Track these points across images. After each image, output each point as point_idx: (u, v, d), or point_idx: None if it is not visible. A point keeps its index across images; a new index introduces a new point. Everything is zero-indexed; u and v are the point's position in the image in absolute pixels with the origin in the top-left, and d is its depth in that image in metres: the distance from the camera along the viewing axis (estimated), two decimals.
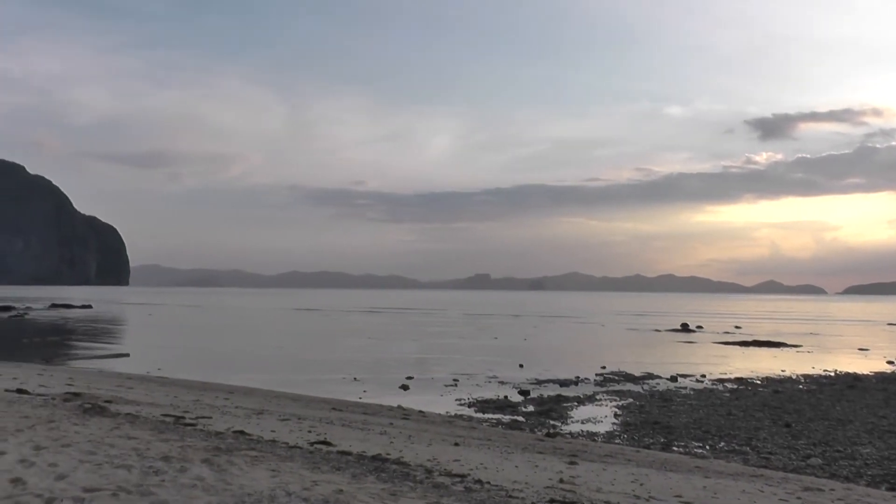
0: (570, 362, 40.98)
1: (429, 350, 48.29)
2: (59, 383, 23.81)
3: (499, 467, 12.79)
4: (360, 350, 48.35)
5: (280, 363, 40.28)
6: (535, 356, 44.38)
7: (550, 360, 42.08)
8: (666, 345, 56.76)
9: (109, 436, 11.89)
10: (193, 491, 8.61)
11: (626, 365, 39.11)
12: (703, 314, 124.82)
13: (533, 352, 47.98)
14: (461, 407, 25.68)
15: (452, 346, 51.51)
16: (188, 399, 21.56)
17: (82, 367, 35.37)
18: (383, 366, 38.38)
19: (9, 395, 18.24)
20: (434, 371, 35.96)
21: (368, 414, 21.50)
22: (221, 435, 13.28)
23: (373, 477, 10.24)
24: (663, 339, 62.92)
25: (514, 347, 51.41)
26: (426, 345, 52.83)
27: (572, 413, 24.65)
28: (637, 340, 61.81)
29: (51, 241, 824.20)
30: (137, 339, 59.22)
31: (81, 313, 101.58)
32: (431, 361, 40.75)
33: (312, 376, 33.77)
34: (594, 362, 40.35)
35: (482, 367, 37.90)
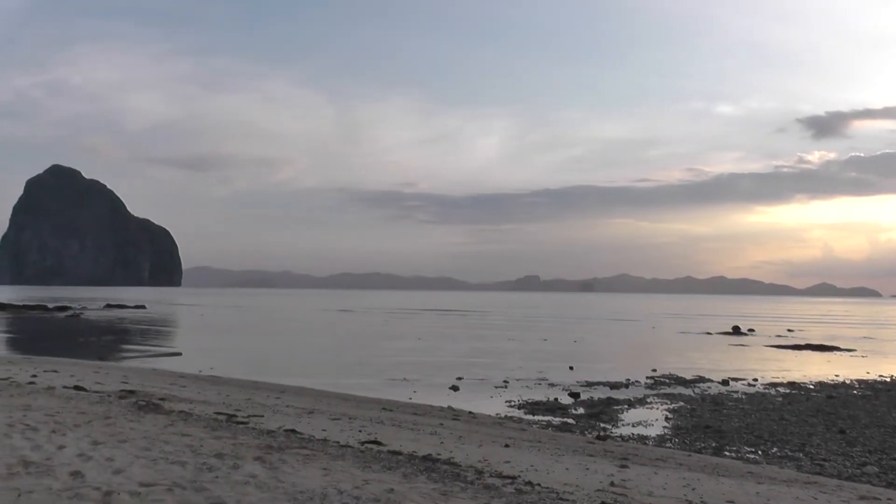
0: (621, 365, 40.66)
1: (478, 351, 48.18)
2: (114, 381, 24.19)
3: (549, 469, 12.71)
4: (409, 351, 48.42)
5: (330, 363, 40.48)
6: (585, 358, 44.10)
7: (600, 363, 41.79)
8: (717, 348, 56.07)
9: (164, 433, 12.04)
10: (246, 488, 8.67)
11: (676, 368, 38.71)
12: (755, 317, 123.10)
13: (583, 354, 47.68)
14: (511, 408, 25.59)
15: (502, 348, 51.36)
16: (240, 398, 21.76)
17: (136, 366, 35.87)
18: (433, 367, 38.37)
19: (67, 391, 18.58)
20: (484, 372, 35.87)
21: (419, 414, 21.50)
22: (273, 433, 13.36)
23: (424, 477, 10.23)
24: (714, 342, 62.17)
25: (564, 349, 51.13)
26: (476, 346, 52.72)
27: (623, 416, 24.44)
28: (688, 343, 61.10)
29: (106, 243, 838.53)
30: (189, 339, 59.96)
31: (135, 313, 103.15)
32: (481, 363, 40.65)
33: (362, 376, 33.89)
34: (645, 365, 39.99)
35: (532, 368, 37.74)
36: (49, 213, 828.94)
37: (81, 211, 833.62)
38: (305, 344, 55.15)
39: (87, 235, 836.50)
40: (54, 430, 11.57)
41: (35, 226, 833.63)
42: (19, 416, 12.96)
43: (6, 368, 26.50)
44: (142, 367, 35.44)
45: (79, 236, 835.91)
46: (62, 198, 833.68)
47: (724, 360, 45.29)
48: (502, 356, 44.71)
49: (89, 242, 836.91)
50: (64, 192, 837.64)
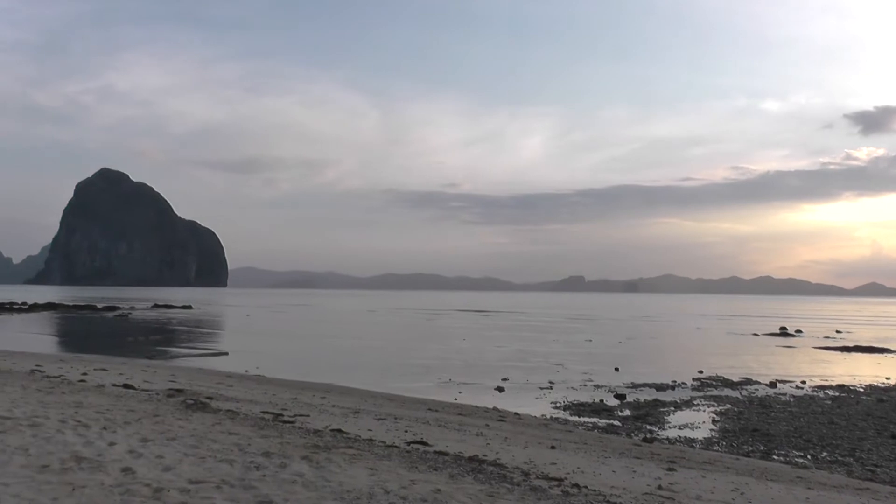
0: (667, 366, 40.27)
1: (523, 352, 48.00)
2: (162, 379, 24.48)
3: (596, 472, 12.62)
4: (454, 351, 48.38)
5: (375, 363, 40.56)
6: (630, 359, 43.76)
7: (646, 364, 41.42)
8: (764, 349, 55.32)
9: (211, 431, 12.13)
10: (294, 486, 8.71)
11: (723, 370, 38.25)
12: (803, 318, 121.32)
13: (628, 355, 47.33)
14: (556, 410, 25.44)
15: (547, 349, 51.11)
16: (286, 397, 21.89)
17: (183, 365, 36.27)
18: (478, 367, 38.30)
19: (116, 389, 18.84)
20: (529, 373, 35.73)
21: (464, 415, 21.48)
22: (319, 433, 13.41)
23: (470, 478, 10.20)
24: (761, 344, 61.35)
25: (610, 350, 50.80)
26: (521, 347, 52.53)
27: (669, 418, 24.17)
28: (734, 344, 60.38)
29: (153, 244, 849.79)
30: (235, 339, 60.46)
31: (182, 313, 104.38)
32: (526, 364, 40.48)
33: (407, 377, 33.92)
34: (691, 366, 39.57)
35: (577, 370, 37.52)
36: (98, 215, 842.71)
37: (129, 213, 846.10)
38: (350, 344, 55.32)
39: (135, 237, 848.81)
40: (105, 427, 11.73)
41: (85, 228, 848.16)
42: (71, 412, 13.15)
43: (58, 366, 26.95)
44: (189, 366, 35.82)
45: (127, 238, 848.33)
46: (111, 200, 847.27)
47: (771, 362, 44.69)
48: (547, 357, 44.47)
49: (137, 244, 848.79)
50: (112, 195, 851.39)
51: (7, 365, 24.96)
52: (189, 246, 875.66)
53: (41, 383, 18.66)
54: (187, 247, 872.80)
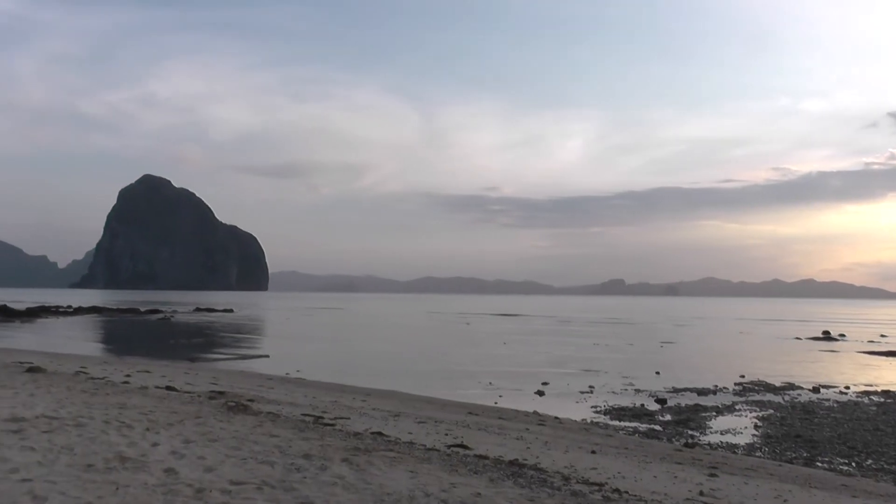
0: (708, 370, 39.85)
1: (563, 356, 47.78)
2: (203, 382, 24.71)
3: (637, 477, 12.52)
4: (494, 355, 48.29)
5: (414, 367, 40.58)
6: (671, 364, 43.34)
7: (687, 368, 41.01)
8: (807, 354, 54.54)
9: (253, 433, 12.21)
10: (334, 489, 8.73)
11: (765, 374, 37.76)
12: (846, 321, 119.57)
13: (669, 359, 46.88)
14: (597, 414, 25.27)
15: (587, 353, 50.84)
16: (326, 400, 21.98)
17: (225, 368, 36.57)
18: (518, 371, 38.19)
19: (159, 391, 19.04)
20: (569, 378, 35.55)
21: (504, 419, 21.42)
22: (360, 435, 13.45)
23: (510, 482, 10.17)
24: (804, 348, 60.51)
25: (650, 354, 50.40)
26: (561, 351, 52.30)
27: (711, 423, 23.85)
28: (776, 349, 59.59)
29: (195, 249, 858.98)
30: (277, 342, 60.83)
31: (223, 317, 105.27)
32: (566, 367, 40.29)
33: (447, 380, 33.90)
34: (732, 371, 39.15)
35: (618, 373, 37.26)
36: (141, 220, 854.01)
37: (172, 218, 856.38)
38: (390, 347, 55.42)
39: (177, 242, 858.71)
40: (148, 428, 11.86)
41: (128, 233, 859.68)
42: (115, 413, 13.32)
43: (102, 368, 27.29)
44: (230, 368, 36.11)
45: (169, 243, 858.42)
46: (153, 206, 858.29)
47: (815, 367, 44.05)
48: (588, 361, 44.22)
49: (179, 248, 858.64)
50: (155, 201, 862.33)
51: (53, 367, 25.31)
52: (230, 250, 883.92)
53: (86, 385, 18.90)
54: (228, 251, 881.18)
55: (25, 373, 21.39)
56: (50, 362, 28.07)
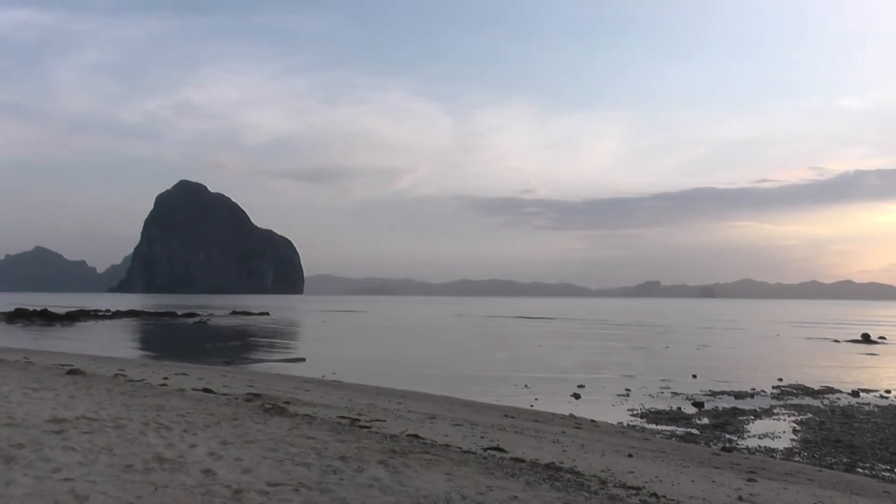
0: (745, 373, 39.45)
1: (599, 359, 47.52)
2: (240, 384, 24.88)
3: (674, 481, 12.41)
4: (530, 357, 48.14)
5: (450, 369, 40.55)
6: (708, 366, 42.94)
7: (724, 371, 40.62)
8: (846, 357, 53.77)
9: (289, 435, 12.26)
10: (371, 491, 8.74)
11: (803, 377, 37.27)
12: (887, 323, 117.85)
13: (706, 362, 46.44)
14: (633, 417, 25.09)
15: (623, 355, 50.54)
16: (362, 402, 22.03)
17: (261, 370, 36.80)
18: (554, 374, 38.03)
19: (196, 393, 19.19)
20: (605, 380, 35.35)
21: (540, 422, 21.34)
22: (396, 438, 13.46)
23: (547, 485, 10.12)
24: (843, 351, 59.67)
25: (687, 357, 49.95)
26: (597, 353, 52.02)
27: (748, 427, 23.55)
28: (815, 351, 58.83)
29: (231, 253, 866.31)
30: (312, 345, 61.10)
31: (259, 320, 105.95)
32: (602, 370, 40.07)
33: (483, 383, 33.82)
34: (770, 374, 38.73)
35: (654, 376, 36.99)
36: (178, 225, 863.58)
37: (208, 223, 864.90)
38: (425, 350, 55.46)
39: (213, 246, 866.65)
40: (186, 430, 11.95)
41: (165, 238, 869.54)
42: (153, 415, 13.44)
43: (140, 371, 27.58)
44: (267, 371, 36.33)
45: (205, 247, 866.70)
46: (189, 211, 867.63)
47: (854, 370, 43.43)
48: (624, 364, 43.96)
49: (215, 253, 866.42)
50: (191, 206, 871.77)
51: (92, 369, 25.61)
52: (266, 254, 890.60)
53: (125, 387, 19.10)
54: (264, 255, 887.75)
55: (66, 375, 21.67)
56: (89, 365, 28.42)
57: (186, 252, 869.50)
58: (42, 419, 12.22)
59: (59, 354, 38.10)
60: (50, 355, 36.32)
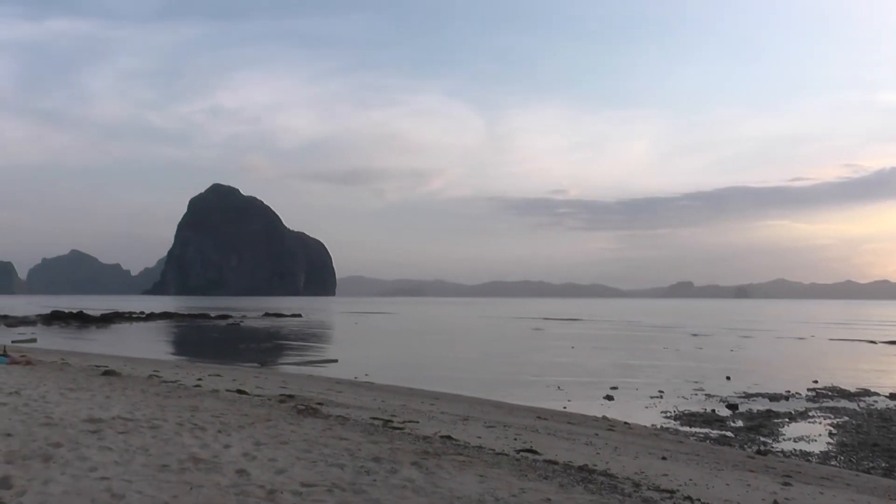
0: (780, 375, 39.04)
1: (632, 360, 47.24)
2: (273, 385, 25.01)
3: (709, 484, 12.30)
4: (562, 359, 47.96)
5: (483, 370, 40.51)
6: (742, 368, 42.52)
7: (758, 373, 40.21)
8: (883, 358, 53.02)
9: (322, 436, 12.30)
10: (404, 492, 8.74)
11: (839, 380, 36.77)
12: None
13: (740, 363, 45.99)
14: (667, 419, 24.90)
15: (656, 357, 50.18)
16: (395, 403, 22.06)
17: (294, 372, 36.96)
18: (586, 375, 37.87)
19: (230, 394, 19.32)
20: (638, 382, 35.15)
21: (573, 424, 21.25)
22: (429, 439, 13.46)
23: (580, 488, 10.06)
24: (880, 353, 58.83)
25: (721, 359, 49.48)
26: (629, 355, 51.73)
27: (783, 430, 23.23)
28: (851, 353, 58.06)
29: (263, 255, 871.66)
30: (345, 346, 61.27)
31: (292, 322, 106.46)
32: (635, 372, 39.83)
33: (516, 384, 33.75)
34: (805, 376, 38.25)
35: (687, 378, 36.69)
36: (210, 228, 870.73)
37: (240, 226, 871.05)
38: (458, 351, 55.42)
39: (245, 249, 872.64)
40: (220, 430, 12.03)
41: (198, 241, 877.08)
42: (188, 416, 13.54)
43: (174, 372, 27.81)
44: (299, 372, 36.48)
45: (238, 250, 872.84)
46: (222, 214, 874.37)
47: (892, 373, 42.85)
48: (657, 365, 43.68)
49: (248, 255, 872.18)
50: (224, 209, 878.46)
51: (127, 370, 25.86)
52: (298, 256, 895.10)
53: (159, 388, 19.27)
54: (296, 257, 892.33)
55: (101, 376, 21.89)
56: (124, 366, 28.71)
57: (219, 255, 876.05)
58: (79, 419, 12.35)
59: (94, 356, 38.51)
60: (86, 356, 36.72)
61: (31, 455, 9.38)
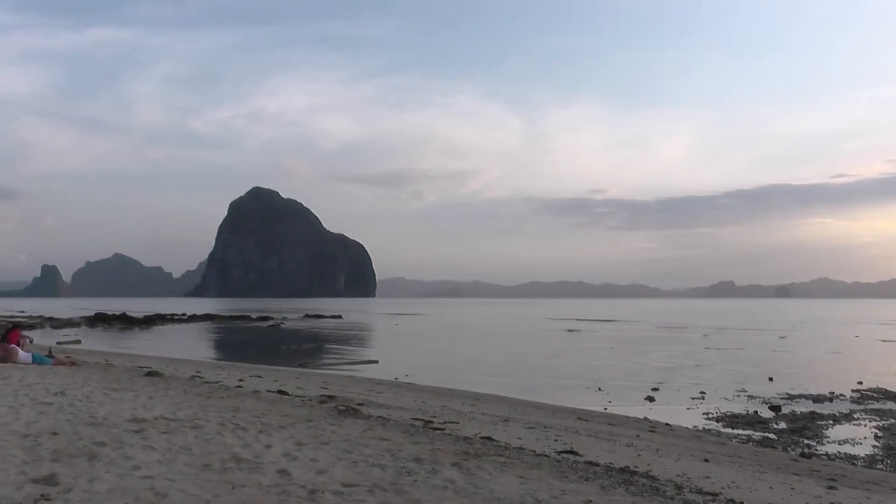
0: (823, 376, 38.51)
1: (673, 361, 46.82)
2: (314, 386, 25.13)
3: (752, 487, 12.13)
4: (602, 359, 47.74)
5: (523, 371, 40.42)
6: (784, 369, 41.99)
7: (802, 374, 39.71)
8: None
9: (363, 436, 12.32)
10: (445, 493, 8.72)
11: (885, 381, 36.09)
12: None
13: (782, 364, 45.42)
14: (709, 421, 24.65)
15: (698, 357, 49.68)
16: (435, 404, 22.06)
17: (335, 373, 37.10)
18: (627, 376, 37.65)
19: (271, 395, 19.44)
20: (679, 383, 34.85)
21: (614, 425, 21.10)
22: (469, 440, 13.42)
23: (622, 489, 9.95)
24: None
25: (763, 359, 48.90)
26: (670, 355, 51.28)
27: (828, 432, 22.81)
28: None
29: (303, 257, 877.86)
30: (385, 347, 61.43)
31: (332, 323, 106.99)
32: (676, 373, 39.49)
33: (556, 385, 33.64)
34: (849, 377, 37.66)
35: (729, 379, 36.32)
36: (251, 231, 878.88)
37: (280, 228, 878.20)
38: (498, 352, 55.33)
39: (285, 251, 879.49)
40: (261, 431, 12.10)
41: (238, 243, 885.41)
42: (229, 416, 13.64)
43: (216, 373, 28.06)
44: (340, 373, 36.62)
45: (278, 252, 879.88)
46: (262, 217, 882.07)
47: None
48: (698, 366, 43.29)
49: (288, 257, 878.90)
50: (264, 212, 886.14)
51: (170, 371, 26.13)
52: (338, 258, 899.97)
53: (201, 388, 19.44)
54: (336, 259, 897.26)
55: (144, 377, 22.13)
56: (167, 367, 29.01)
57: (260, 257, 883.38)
58: (122, 419, 12.50)
59: (137, 357, 39.02)
60: (129, 357, 37.19)
61: (76, 453, 9.51)
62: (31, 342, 27.70)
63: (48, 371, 21.69)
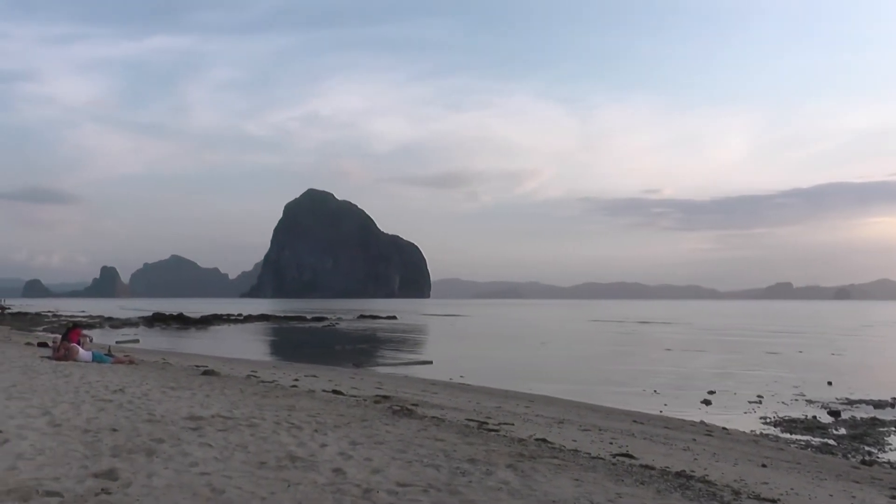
0: (885, 381, 37.58)
1: (730, 364, 46.16)
2: (368, 386, 25.26)
3: (811, 494, 11.90)
4: (658, 362, 47.29)
5: (578, 373, 40.23)
6: (844, 373, 41.10)
7: (862, 378, 38.84)
8: None
9: (417, 437, 12.34)
10: (499, 494, 8.69)
11: None
12: None
13: (842, 368, 44.48)
14: (766, 426, 24.23)
15: (755, 360, 48.90)
16: (490, 405, 22.04)
17: (389, 373, 37.26)
18: (683, 379, 37.26)
19: (326, 395, 19.58)
20: (736, 386, 34.33)
21: (670, 428, 20.87)
22: (524, 442, 13.37)
23: (678, 494, 9.82)
24: None
25: (822, 363, 47.96)
26: (727, 358, 50.58)
27: (890, 439, 22.13)
28: None
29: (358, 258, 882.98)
30: (440, 348, 61.58)
31: (387, 324, 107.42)
32: (733, 376, 38.93)
33: (611, 387, 33.39)
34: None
35: (787, 383, 35.69)
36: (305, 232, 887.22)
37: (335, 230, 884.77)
38: (553, 354, 55.13)
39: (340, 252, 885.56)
40: (316, 430, 12.18)
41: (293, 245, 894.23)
42: (285, 415, 13.77)
43: (271, 372, 28.34)
44: (395, 374, 36.75)
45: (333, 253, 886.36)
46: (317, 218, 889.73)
47: None
48: (756, 369, 42.59)
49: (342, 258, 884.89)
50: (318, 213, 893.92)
51: (226, 370, 26.45)
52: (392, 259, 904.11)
53: (257, 387, 19.65)
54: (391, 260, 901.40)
55: (201, 376, 22.44)
56: (223, 366, 29.37)
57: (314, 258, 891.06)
58: (180, 416, 12.68)
59: (194, 356, 39.57)
60: (186, 357, 37.75)
61: (135, 449, 9.67)
62: (91, 341, 28.31)
63: (107, 369, 22.12)
